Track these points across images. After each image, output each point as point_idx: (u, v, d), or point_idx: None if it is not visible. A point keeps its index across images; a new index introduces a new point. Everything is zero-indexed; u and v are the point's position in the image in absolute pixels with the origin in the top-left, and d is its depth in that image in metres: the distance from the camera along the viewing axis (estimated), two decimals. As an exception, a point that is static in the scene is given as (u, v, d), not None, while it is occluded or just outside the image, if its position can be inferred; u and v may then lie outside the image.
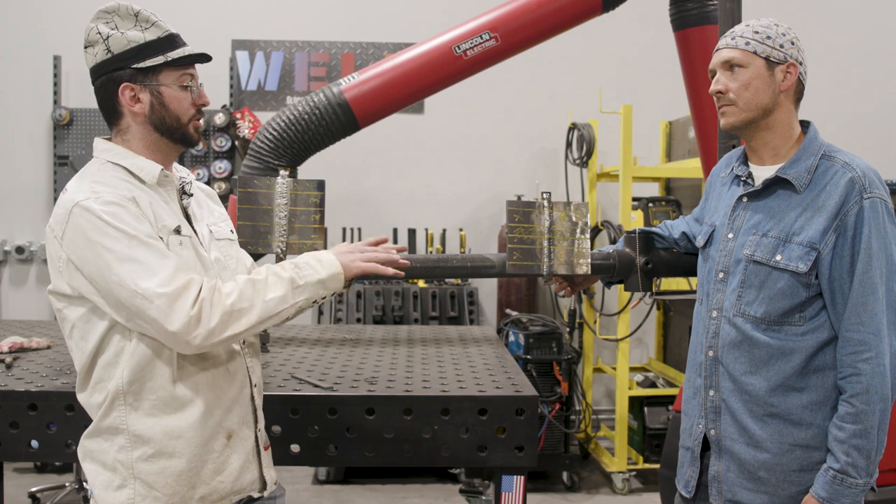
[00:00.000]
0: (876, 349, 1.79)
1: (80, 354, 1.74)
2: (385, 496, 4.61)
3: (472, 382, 2.37)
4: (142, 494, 1.70)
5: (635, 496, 4.75)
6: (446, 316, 5.04)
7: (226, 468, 1.79)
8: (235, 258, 1.95)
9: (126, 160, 1.77)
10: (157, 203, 1.76)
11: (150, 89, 1.76)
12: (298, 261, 1.81)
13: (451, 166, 5.88)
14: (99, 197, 1.65)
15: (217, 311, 1.64)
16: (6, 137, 5.67)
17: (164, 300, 1.60)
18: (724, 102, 1.96)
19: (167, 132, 1.80)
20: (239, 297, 1.68)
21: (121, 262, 1.61)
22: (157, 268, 1.62)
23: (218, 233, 1.93)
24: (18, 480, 4.74)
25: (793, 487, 1.87)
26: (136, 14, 1.76)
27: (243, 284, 1.71)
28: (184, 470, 1.72)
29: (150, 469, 1.71)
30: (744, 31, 1.94)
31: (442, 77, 3.41)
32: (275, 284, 1.73)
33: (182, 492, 1.72)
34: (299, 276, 1.76)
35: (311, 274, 1.78)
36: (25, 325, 3.42)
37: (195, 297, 1.62)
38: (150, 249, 1.63)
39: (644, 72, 5.79)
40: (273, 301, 1.72)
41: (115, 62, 1.75)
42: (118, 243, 1.61)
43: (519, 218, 2.27)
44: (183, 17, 5.52)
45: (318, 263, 1.81)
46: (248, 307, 1.68)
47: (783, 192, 1.92)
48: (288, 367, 2.57)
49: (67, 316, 1.73)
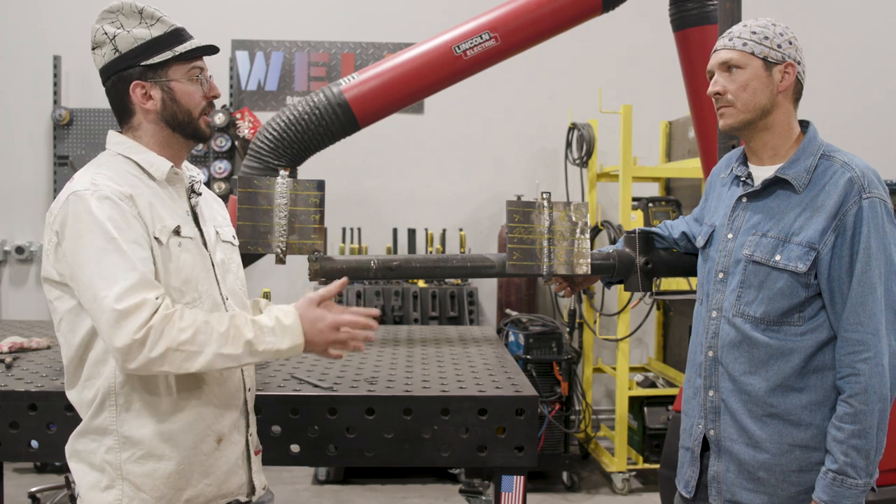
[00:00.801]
0: (874, 349, 1.79)
1: (68, 347, 1.74)
2: (385, 496, 4.61)
3: (472, 382, 2.37)
4: (129, 496, 1.70)
5: (635, 496, 4.75)
6: (446, 316, 5.04)
7: (213, 471, 1.78)
8: (237, 263, 1.96)
9: (137, 155, 1.78)
10: (161, 201, 1.76)
11: (161, 85, 1.76)
12: (263, 323, 1.69)
13: (451, 166, 5.88)
14: (97, 190, 1.65)
15: (163, 343, 1.59)
16: (6, 137, 5.66)
17: (112, 315, 1.57)
18: (723, 104, 1.96)
19: (179, 127, 1.80)
20: (192, 336, 1.61)
21: (92, 261, 1.61)
22: (119, 278, 1.59)
23: (223, 234, 1.93)
24: (18, 480, 4.74)
25: (792, 488, 1.87)
26: (141, 11, 1.76)
27: (201, 325, 1.63)
28: (172, 472, 1.72)
29: (138, 471, 1.70)
30: (741, 32, 1.94)
31: (442, 77, 3.41)
32: (234, 340, 1.65)
33: (169, 494, 1.72)
34: (259, 342, 1.67)
35: (272, 343, 1.69)
36: (25, 325, 3.42)
37: (145, 320, 1.58)
38: (121, 256, 1.61)
39: (644, 72, 5.78)
40: (223, 357, 1.64)
41: (124, 61, 1.75)
42: (95, 241, 1.62)
43: (519, 218, 2.27)
44: (183, 17, 5.46)
45: (282, 332, 1.70)
46: (195, 351, 1.62)
47: (782, 192, 1.92)
48: (288, 367, 2.57)
49: (57, 308, 1.74)
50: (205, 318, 1.66)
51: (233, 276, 1.90)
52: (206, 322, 1.64)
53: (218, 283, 1.85)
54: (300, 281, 5.63)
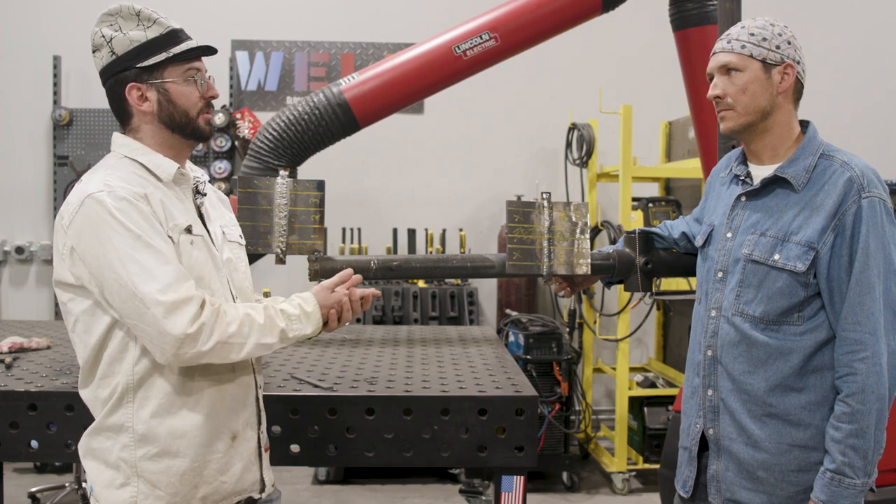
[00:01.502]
0: (872, 349, 1.79)
1: (83, 348, 1.74)
2: (385, 496, 4.61)
3: (472, 382, 2.37)
4: (144, 493, 1.71)
5: (635, 496, 4.75)
6: (446, 316, 5.04)
7: (230, 468, 1.79)
8: (245, 262, 1.97)
9: (143, 157, 1.78)
10: (171, 201, 1.77)
11: (157, 87, 1.77)
12: (290, 311, 1.83)
13: (451, 166, 5.88)
14: (112, 191, 1.66)
15: (215, 338, 1.66)
16: (6, 137, 5.67)
17: (161, 309, 1.61)
18: (723, 107, 1.96)
19: (178, 128, 1.80)
20: (238, 330, 1.71)
21: (123, 261, 1.62)
22: (157, 273, 1.62)
23: (230, 234, 1.94)
24: (18, 480, 4.74)
25: (791, 487, 1.87)
26: (138, 14, 1.77)
27: (243, 318, 1.73)
28: (187, 469, 1.73)
29: (153, 468, 1.71)
30: (739, 34, 1.93)
31: (442, 77, 3.41)
32: (270, 331, 1.77)
33: (184, 491, 1.73)
34: (290, 329, 1.81)
35: (299, 329, 1.83)
36: (25, 325, 3.42)
37: (195, 314, 1.63)
38: (152, 252, 1.64)
39: (644, 72, 5.79)
40: (262, 346, 1.75)
41: (120, 63, 1.76)
42: (123, 241, 1.63)
43: (519, 218, 2.27)
44: (183, 17, 5.47)
45: (306, 319, 1.84)
46: (241, 343, 1.71)
47: (781, 192, 1.92)
48: (288, 367, 2.57)
49: (71, 310, 1.73)
50: (245, 310, 1.74)
51: (241, 274, 1.91)
52: (247, 314, 1.74)
53: (228, 281, 1.86)
54: (300, 281, 5.63)
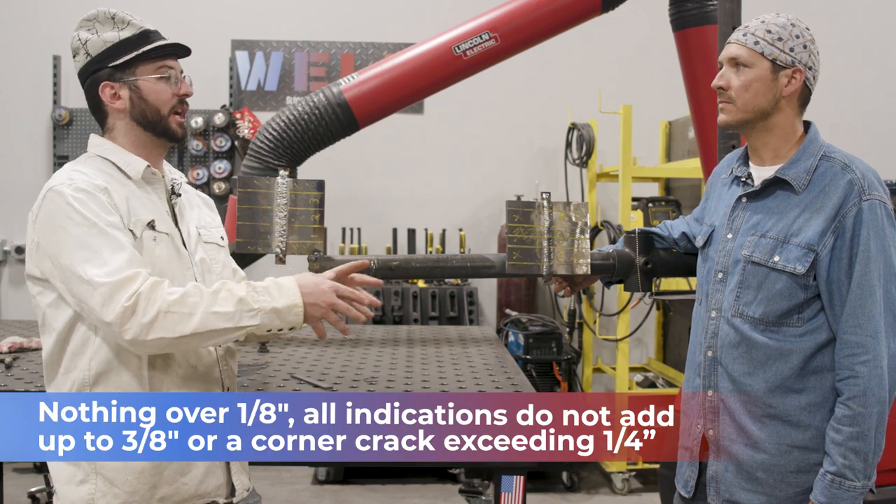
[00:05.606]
0: (873, 352, 1.79)
1: (48, 340, 1.75)
2: (385, 496, 4.61)
3: (472, 382, 2.37)
4: (102, 490, 1.71)
5: (635, 496, 4.75)
6: (446, 316, 5.04)
7: (190, 470, 1.77)
8: (222, 263, 1.95)
9: (114, 155, 1.81)
10: (137, 198, 1.78)
11: (129, 84, 1.80)
12: (257, 284, 1.72)
13: (451, 166, 5.87)
14: (72, 183, 1.69)
15: (153, 307, 1.60)
16: (6, 137, 5.66)
17: (105, 289, 1.60)
18: (724, 99, 1.95)
19: (149, 126, 1.83)
20: (181, 298, 1.63)
21: (76, 248, 1.63)
22: (108, 258, 1.63)
23: (207, 236, 1.94)
24: (18, 480, 4.74)
25: (791, 488, 1.87)
26: (113, 17, 1.82)
27: (191, 289, 1.66)
28: (145, 468, 1.72)
29: (111, 465, 1.71)
30: (756, 29, 1.91)
31: (442, 77, 3.41)
32: (225, 299, 1.66)
33: (143, 490, 1.72)
34: (254, 300, 1.68)
35: (267, 301, 1.69)
36: (25, 325, 3.42)
37: (135, 289, 1.61)
38: (106, 239, 1.65)
39: (644, 72, 5.78)
40: (217, 316, 1.64)
41: (94, 64, 1.81)
42: (78, 228, 1.64)
43: (518, 218, 2.27)
44: (182, 17, 5.52)
45: (278, 291, 1.71)
46: (187, 313, 1.62)
47: (782, 193, 1.92)
48: (288, 367, 2.57)
49: (39, 303, 1.75)
50: (194, 284, 1.70)
51: (215, 276, 1.89)
52: (195, 286, 1.68)
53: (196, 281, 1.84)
54: (300, 281, 5.62)
